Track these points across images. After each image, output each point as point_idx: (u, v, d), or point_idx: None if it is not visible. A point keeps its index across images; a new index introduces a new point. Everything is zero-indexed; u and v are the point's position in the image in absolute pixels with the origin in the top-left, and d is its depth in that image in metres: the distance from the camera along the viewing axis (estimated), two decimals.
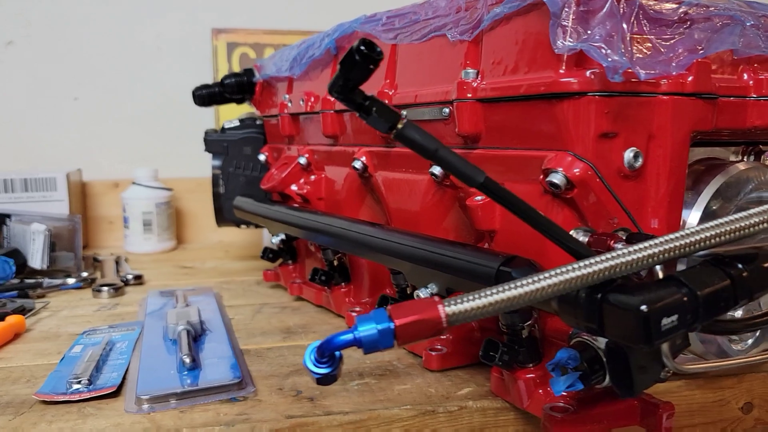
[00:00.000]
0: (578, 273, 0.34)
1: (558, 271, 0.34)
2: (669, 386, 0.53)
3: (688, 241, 0.35)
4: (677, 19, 0.44)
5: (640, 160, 0.43)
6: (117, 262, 1.08)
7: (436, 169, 0.54)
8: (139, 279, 0.95)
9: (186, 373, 0.54)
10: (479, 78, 0.49)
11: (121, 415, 0.48)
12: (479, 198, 0.49)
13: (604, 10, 0.41)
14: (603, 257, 0.34)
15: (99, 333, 0.68)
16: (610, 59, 0.40)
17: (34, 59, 1.27)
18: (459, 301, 0.33)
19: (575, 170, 0.42)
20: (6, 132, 1.26)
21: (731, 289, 0.35)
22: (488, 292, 0.34)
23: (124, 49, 1.30)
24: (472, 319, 0.34)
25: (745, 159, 0.55)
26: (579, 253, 0.37)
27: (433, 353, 0.56)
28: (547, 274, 0.34)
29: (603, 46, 0.40)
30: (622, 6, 0.42)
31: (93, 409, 0.49)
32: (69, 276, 0.95)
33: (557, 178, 0.42)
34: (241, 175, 0.89)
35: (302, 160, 0.76)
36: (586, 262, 0.34)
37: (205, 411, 0.49)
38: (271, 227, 0.78)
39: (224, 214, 0.94)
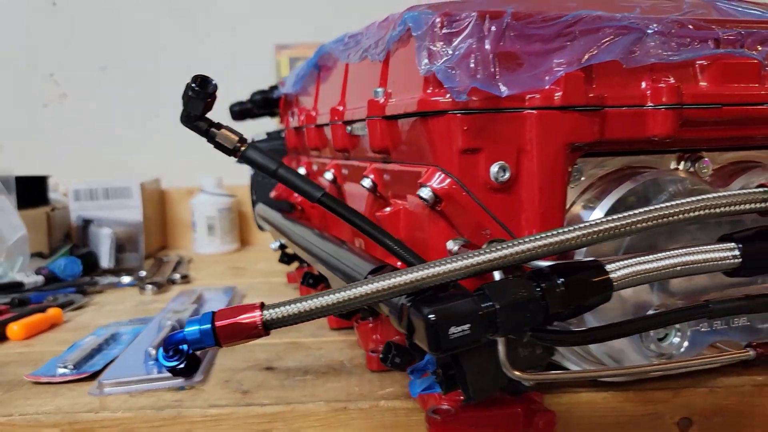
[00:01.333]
0: (387, 283, 0.36)
1: (374, 280, 0.37)
2: (594, 397, 0.53)
3: (509, 252, 0.36)
4: (555, 33, 0.45)
5: (507, 173, 0.44)
6: (179, 263, 1.19)
7: (365, 182, 0.57)
8: (185, 278, 1.06)
9: (153, 362, 0.62)
10: (385, 97, 0.52)
11: (83, 396, 0.56)
12: (387, 209, 0.52)
13: (466, 31, 0.43)
14: (414, 269, 0.37)
15: (115, 326, 0.77)
16: (457, 80, 0.42)
17: (123, 82, 1.44)
18: (278, 306, 0.38)
19: (441, 185, 0.44)
20: (100, 146, 1.43)
21: (538, 302, 0.36)
22: (306, 299, 0.37)
23: (197, 68, 1.43)
24: (291, 324, 0.38)
25: (679, 166, 0.53)
26: (410, 262, 0.40)
27: (373, 354, 0.60)
28: (359, 284, 0.37)
29: (454, 66, 0.42)
30: (486, 26, 0.44)
31: (66, 390, 0.58)
32: (127, 274, 1.07)
33: (425, 193, 0.45)
34: (268, 185, 0.97)
35: (301, 171, 0.82)
36: (393, 274, 0.36)
37: (150, 396, 0.56)
38: (273, 234, 0.85)
39: (255, 220, 1.02)
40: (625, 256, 0.39)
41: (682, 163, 0.53)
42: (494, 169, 0.44)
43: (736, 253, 0.39)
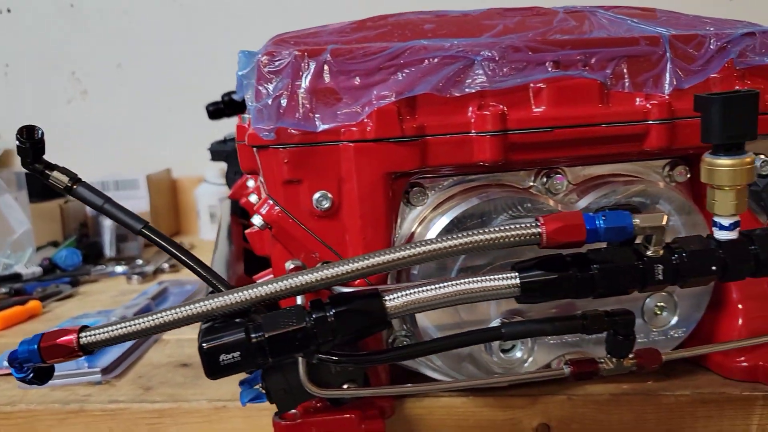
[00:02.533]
0: (190, 309, 0.41)
1: (184, 306, 0.41)
2: (454, 402, 0.56)
3: (302, 280, 0.40)
4: (376, 66, 0.47)
5: (329, 202, 0.48)
6: None
7: (252, 197, 0.61)
8: (174, 267, 1.13)
9: (83, 357, 0.69)
10: (248, 124, 0.56)
11: (13, 389, 0.64)
12: (253, 228, 0.56)
13: (284, 70, 0.47)
14: (210, 298, 0.41)
15: (83, 318, 0.86)
16: (265, 119, 0.45)
17: (138, 78, 1.52)
18: (95, 330, 0.43)
19: (270, 212, 0.48)
20: (117, 139, 1.53)
21: (307, 332, 0.40)
22: (122, 325, 0.43)
23: (207, 65, 1.50)
24: (110, 345, 0.43)
25: (535, 182, 0.54)
26: (218, 288, 0.44)
27: None
28: (164, 312, 0.41)
29: (263, 107, 0.46)
30: (305, 63, 0.47)
31: (4, 383, 0.66)
32: (126, 263, 1.16)
33: (257, 220, 0.49)
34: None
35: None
36: (200, 302, 0.41)
37: (66, 390, 0.63)
38: None
39: None
40: (408, 285, 0.42)
41: (538, 179, 0.54)
42: (317, 197, 0.48)
43: (517, 282, 0.41)
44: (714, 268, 0.42)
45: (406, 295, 0.41)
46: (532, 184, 0.54)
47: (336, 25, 0.55)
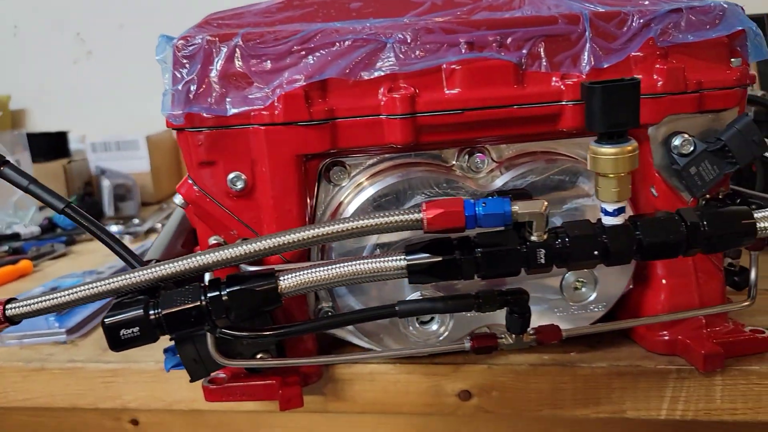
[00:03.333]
0: (106, 284, 0.44)
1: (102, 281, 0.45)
2: (380, 368, 0.59)
3: (198, 260, 0.43)
4: (287, 50, 0.49)
5: (242, 182, 0.50)
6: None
7: None
8: None
9: (54, 318, 0.74)
10: None
11: None
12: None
13: (197, 55, 0.48)
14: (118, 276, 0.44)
15: (68, 278, 0.91)
16: (174, 105, 0.47)
17: (139, 39, 1.54)
18: (20, 303, 0.47)
19: (189, 192, 0.51)
20: (120, 99, 1.57)
21: (200, 309, 0.43)
22: (41, 298, 0.46)
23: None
24: (31, 317, 0.47)
25: (456, 160, 0.56)
26: (132, 265, 0.47)
27: None
28: (89, 284, 0.45)
29: (179, 90, 0.47)
30: (216, 49, 0.48)
31: None
32: (123, 223, 1.21)
33: (177, 199, 0.51)
34: None
35: None
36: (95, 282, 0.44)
37: (33, 349, 0.68)
38: None
39: None
40: (302, 265, 0.45)
41: (461, 157, 0.55)
42: (230, 178, 0.50)
43: (404, 264, 0.43)
44: (596, 252, 0.43)
45: (299, 275, 0.44)
46: (455, 162, 0.55)
47: (264, 4, 0.56)
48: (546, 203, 0.42)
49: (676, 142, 0.54)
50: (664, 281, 0.57)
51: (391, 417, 0.62)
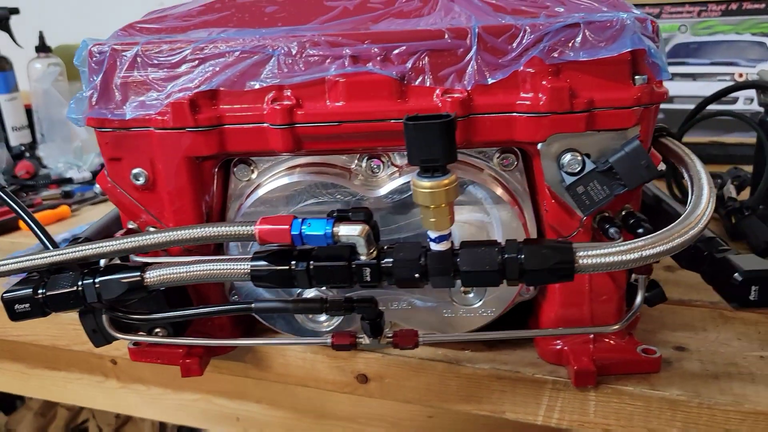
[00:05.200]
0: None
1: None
2: (286, 350, 0.64)
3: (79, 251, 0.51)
4: (181, 60, 0.53)
5: (143, 178, 0.56)
6: None
7: None
8: None
9: None
10: None
11: None
12: None
13: (105, 62, 0.54)
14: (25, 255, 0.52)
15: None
16: (79, 109, 0.53)
17: None
18: None
19: (104, 182, 0.57)
20: None
21: (77, 293, 0.50)
22: None
23: None
24: None
25: (354, 165, 0.58)
26: (48, 246, 0.55)
27: None
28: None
29: (90, 93, 0.53)
30: (120, 57, 0.54)
31: None
32: None
33: (96, 188, 0.58)
34: None
35: None
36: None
37: None
38: None
39: None
40: (168, 261, 0.50)
41: (360, 162, 0.58)
42: (133, 173, 0.56)
43: (248, 269, 0.48)
44: (417, 275, 0.46)
45: (161, 271, 0.50)
46: (353, 166, 0.58)
47: (188, 7, 0.60)
48: (365, 228, 0.45)
49: (564, 160, 0.53)
50: (557, 293, 0.58)
51: (300, 388, 0.68)
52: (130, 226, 0.59)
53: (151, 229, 0.57)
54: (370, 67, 0.52)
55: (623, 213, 0.56)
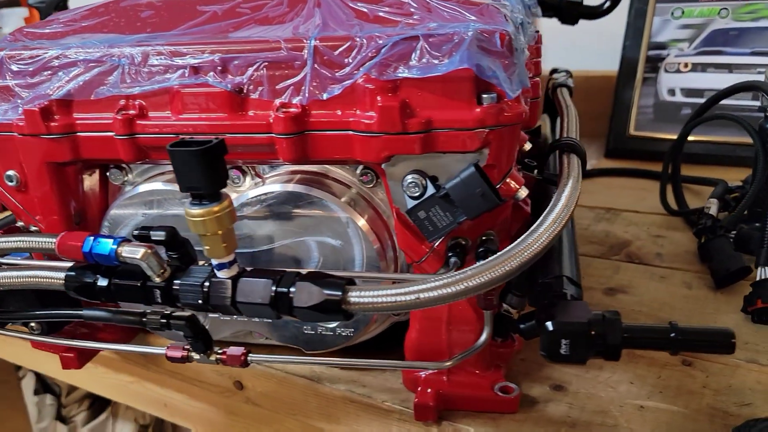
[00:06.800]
0: None
1: None
2: None
3: None
4: (39, 69, 0.54)
5: (15, 180, 0.58)
6: None
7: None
8: None
9: None
10: None
11: None
12: None
13: None
14: None
15: None
16: None
17: None
18: None
19: None
20: None
21: None
22: None
23: None
24: None
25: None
26: None
27: None
28: None
29: None
30: None
31: None
32: None
33: None
34: None
35: None
36: None
37: None
38: None
39: None
40: (16, 261, 0.53)
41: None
42: (7, 175, 0.58)
43: (62, 278, 0.49)
44: (200, 302, 0.45)
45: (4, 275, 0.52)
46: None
47: (79, 10, 0.62)
48: (146, 251, 0.44)
49: (405, 182, 0.50)
50: (416, 319, 0.55)
51: (185, 384, 0.69)
52: (19, 224, 0.62)
53: (33, 228, 0.60)
54: (207, 78, 0.51)
55: (483, 239, 0.52)
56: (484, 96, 0.47)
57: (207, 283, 0.45)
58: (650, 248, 0.82)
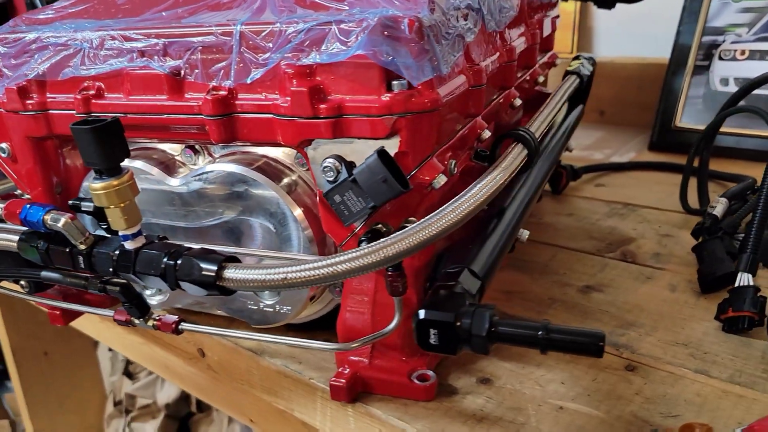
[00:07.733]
0: None
1: None
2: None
3: None
4: (20, 51, 0.60)
5: (6, 152, 0.64)
6: None
7: None
8: None
9: None
10: None
11: None
12: None
13: None
14: None
15: None
16: None
17: None
18: None
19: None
20: None
21: None
22: None
23: None
24: None
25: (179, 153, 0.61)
26: None
27: None
28: None
29: None
30: None
31: None
32: None
33: None
34: None
35: None
36: None
37: None
38: None
39: None
40: None
41: (181, 150, 0.61)
42: (1, 146, 0.65)
43: (16, 239, 0.55)
44: (111, 269, 0.48)
45: None
46: (176, 154, 0.61)
47: None
48: (66, 220, 0.48)
49: (322, 166, 0.51)
50: (345, 298, 0.56)
51: (160, 351, 0.73)
52: (16, 193, 0.68)
53: (26, 196, 0.66)
54: (147, 61, 0.54)
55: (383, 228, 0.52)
56: (394, 83, 0.48)
57: (117, 252, 0.48)
58: (650, 248, 0.77)
